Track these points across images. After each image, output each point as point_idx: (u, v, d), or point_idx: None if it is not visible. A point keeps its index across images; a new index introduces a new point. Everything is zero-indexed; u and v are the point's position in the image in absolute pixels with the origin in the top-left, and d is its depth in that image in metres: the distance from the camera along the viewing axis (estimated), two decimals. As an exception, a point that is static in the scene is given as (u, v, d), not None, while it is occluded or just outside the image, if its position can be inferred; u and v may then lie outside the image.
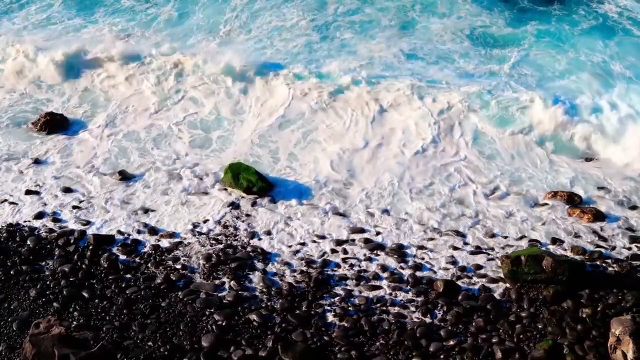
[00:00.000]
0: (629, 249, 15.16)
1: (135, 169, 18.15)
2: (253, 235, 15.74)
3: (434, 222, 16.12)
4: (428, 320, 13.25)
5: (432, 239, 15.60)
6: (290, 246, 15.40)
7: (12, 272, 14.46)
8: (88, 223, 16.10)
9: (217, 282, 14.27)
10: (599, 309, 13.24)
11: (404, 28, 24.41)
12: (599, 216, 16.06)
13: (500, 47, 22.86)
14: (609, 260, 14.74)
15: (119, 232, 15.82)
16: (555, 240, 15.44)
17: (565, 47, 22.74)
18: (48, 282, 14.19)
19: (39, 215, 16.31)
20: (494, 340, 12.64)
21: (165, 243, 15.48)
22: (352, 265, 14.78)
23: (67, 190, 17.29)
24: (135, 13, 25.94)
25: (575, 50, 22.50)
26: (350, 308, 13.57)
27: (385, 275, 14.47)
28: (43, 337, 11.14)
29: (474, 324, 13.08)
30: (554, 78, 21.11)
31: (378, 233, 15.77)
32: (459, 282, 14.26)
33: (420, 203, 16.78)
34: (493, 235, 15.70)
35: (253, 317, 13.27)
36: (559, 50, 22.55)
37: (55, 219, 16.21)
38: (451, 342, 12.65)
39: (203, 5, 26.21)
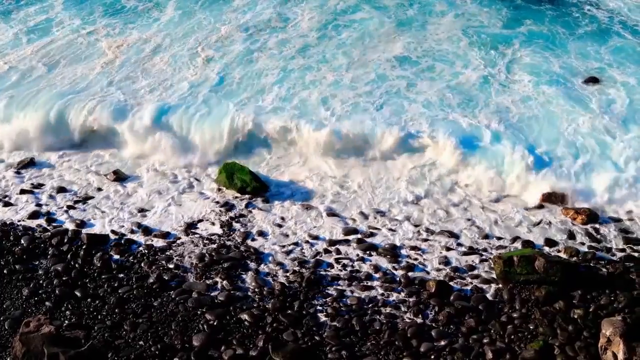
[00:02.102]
0: (623, 250, 15.14)
1: (129, 168, 18.18)
2: (246, 235, 15.76)
3: (427, 223, 16.12)
4: (419, 320, 13.24)
5: (425, 240, 15.60)
6: (283, 246, 15.40)
7: (5, 271, 14.50)
8: (82, 223, 16.14)
9: (209, 281, 14.28)
10: (590, 309, 13.21)
11: (401, 25, 24.40)
12: (593, 217, 16.04)
13: (495, 49, 22.79)
14: (603, 262, 14.72)
15: (113, 231, 15.86)
16: (549, 241, 15.43)
17: (559, 51, 22.66)
18: (41, 281, 14.23)
19: (34, 215, 16.35)
20: (485, 341, 12.61)
21: (158, 243, 15.50)
22: (344, 266, 14.77)
23: (62, 190, 17.33)
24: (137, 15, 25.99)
25: (567, 54, 22.45)
26: (343, 308, 13.56)
27: (377, 275, 14.47)
28: (33, 335, 11.14)
29: (465, 324, 13.06)
30: (550, 82, 20.91)
31: (372, 234, 15.77)
32: (451, 283, 14.25)
33: (415, 204, 16.78)
34: (486, 237, 15.70)
35: (244, 316, 13.27)
36: (552, 54, 22.48)
37: (50, 218, 16.25)
38: (442, 343, 12.63)
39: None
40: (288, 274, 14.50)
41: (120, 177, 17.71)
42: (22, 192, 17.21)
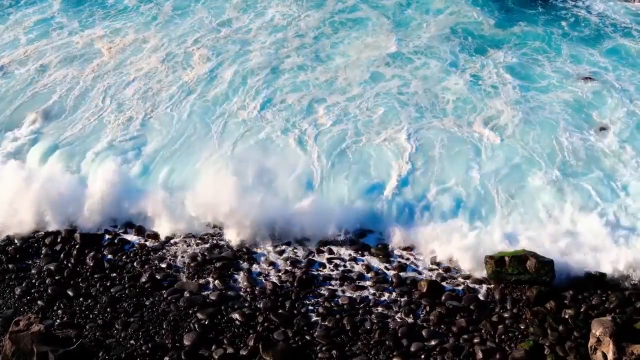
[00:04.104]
0: (615, 250, 15.13)
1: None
2: (239, 234, 15.76)
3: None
4: (410, 320, 13.24)
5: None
6: (276, 246, 15.39)
7: (-2, 271, 14.56)
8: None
9: (201, 281, 14.30)
10: (581, 310, 13.22)
11: (398, 26, 24.48)
12: (586, 217, 16.03)
13: (487, 50, 22.77)
14: (595, 262, 14.73)
15: (107, 231, 15.85)
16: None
17: (551, 54, 22.56)
18: (34, 281, 14.25)
19: (28, 214, 16.35)
20: (475, 341, 12.63)
21: (151, 242, 15.51)
22: (337, 266, 14.78)
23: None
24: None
25: (560, 56, 22.38)
26: (334, 308, 13.56)
27: (369, 275, 14.48)
28: (23, 334, 11.19)
29: (456, 324, 13.06)
30: (544, 86, 20.77)
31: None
32: (443, 283, 14.24)
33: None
34: (479, 236, 15.68)
35: (236, 316, 13.29)
36: (545, 57, 22.36)
37: (44, 218, 16.26)
38: (433, 342, 12.64)
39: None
40: (280, 274, 14.51)
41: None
42: (17, 191, 17.19)
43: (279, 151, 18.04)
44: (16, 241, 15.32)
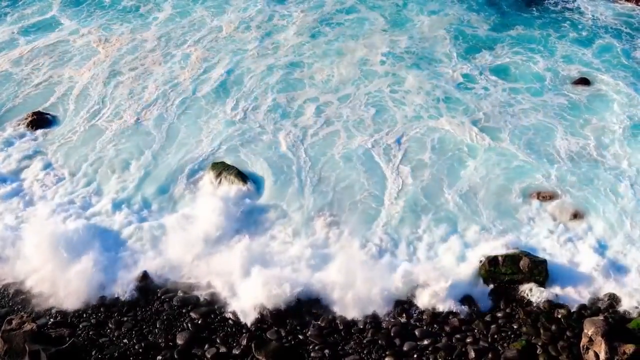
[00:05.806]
0: (609, 250, 15.14)
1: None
2: (234, 234, 15.74)
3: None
4: (403, 320, 13.25)
5: (412, 239, 15.61)
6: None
7: (-8, 270, 14.54)
8: (71, 221, 16.14)
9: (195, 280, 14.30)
10: (574, 309, 13.23)
11: (394, 26, 24.59)
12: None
13: (480, 51, 22.79)
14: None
15: (102, 232, 15.85)
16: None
17: (545, 55, 22.50)
18: (28, 280, 14.28)
19: (23, 214, 16.37)
20: (468, 340, 12.64)
21: (146, 242, 15.51)
22: (331, 265, 14.78)
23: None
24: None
25: (553, 57, 22.36)
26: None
27: (363, 275, 14.49)
28: (15, 333, 11.23)
29: (449, 323, 13.07)
30: (537, 88, 20.84)
31: (359, 233, 15.78)
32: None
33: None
34: (473, 236, 15.67)
35: (229, 315, 13.30)
36: (539, 58, 22.32)
37: (39, 217, 16.27)
38: (425, 342, 12.65)
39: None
40: (274, 273, 14.50)
41: (110, 177, 17.68)
42: (13, 190, 17.23)
43: (268, 158, 17.91)
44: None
